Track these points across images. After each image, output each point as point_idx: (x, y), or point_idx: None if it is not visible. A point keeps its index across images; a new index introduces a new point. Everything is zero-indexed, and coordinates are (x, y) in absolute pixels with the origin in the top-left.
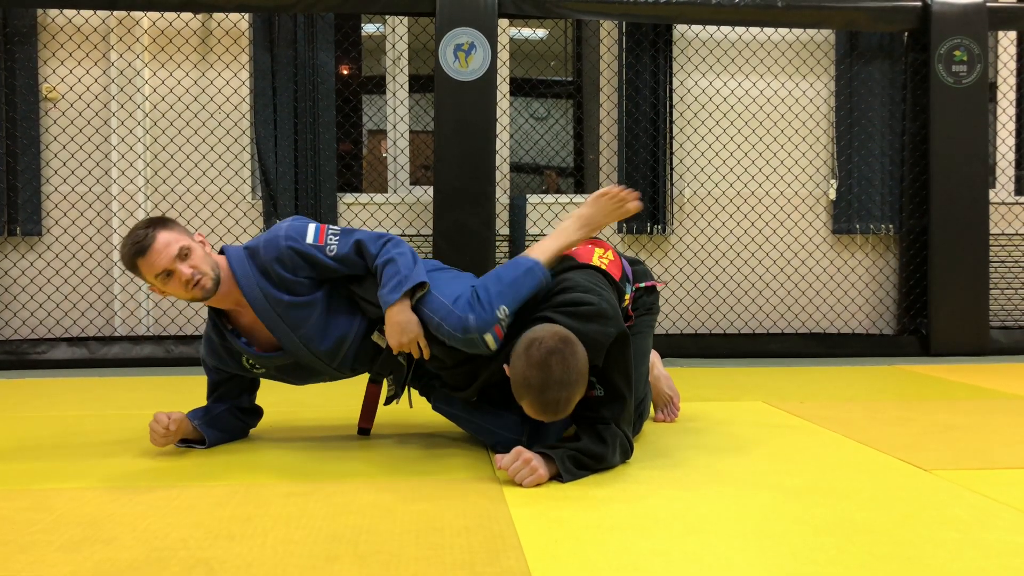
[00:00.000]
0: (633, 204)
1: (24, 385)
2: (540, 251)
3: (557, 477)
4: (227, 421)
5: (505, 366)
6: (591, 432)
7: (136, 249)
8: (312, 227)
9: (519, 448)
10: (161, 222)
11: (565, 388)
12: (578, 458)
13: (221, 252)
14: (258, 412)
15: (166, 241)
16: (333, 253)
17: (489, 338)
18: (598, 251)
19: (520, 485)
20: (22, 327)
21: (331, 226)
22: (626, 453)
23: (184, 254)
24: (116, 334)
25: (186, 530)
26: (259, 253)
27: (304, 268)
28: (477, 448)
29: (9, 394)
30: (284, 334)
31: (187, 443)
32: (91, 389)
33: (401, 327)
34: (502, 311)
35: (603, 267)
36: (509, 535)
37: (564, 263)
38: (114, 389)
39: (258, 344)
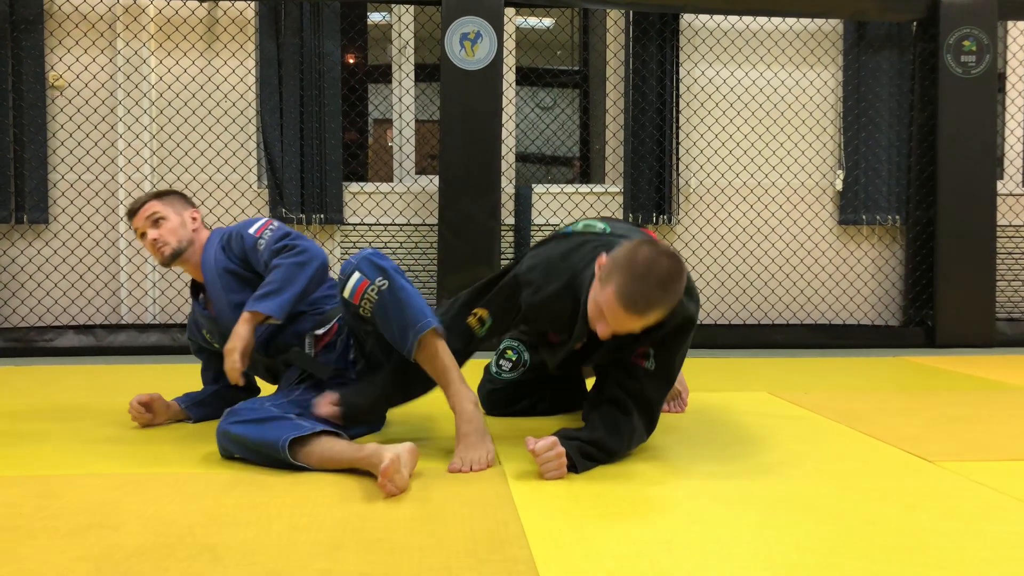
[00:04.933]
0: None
1: (31, 372)
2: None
3: (571, 468)
4: (215, 398)
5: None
6: (610, 424)
7: (128, 210)
8: (259, 222)
9: (555, 439)
10: (162, 193)
11: (661, 290)
12: (592, 453)
13: None
14: (254, 389)
15: (149, 209)
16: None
17: (351, 281)
18: None
19: (543, 476)
20: (29, 315)
21: (279, 227)
22: (641, 440)
23: (156, 221)
24: (122, 322)
25: (192, 516)
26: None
27: (241, 251)
28: None
29: (16, 381)
30: (216, 294)
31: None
32: (98, 376)
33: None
34: (382, 279)
35: None
36: (513, 523)
37: None
38: (120, 376)
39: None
